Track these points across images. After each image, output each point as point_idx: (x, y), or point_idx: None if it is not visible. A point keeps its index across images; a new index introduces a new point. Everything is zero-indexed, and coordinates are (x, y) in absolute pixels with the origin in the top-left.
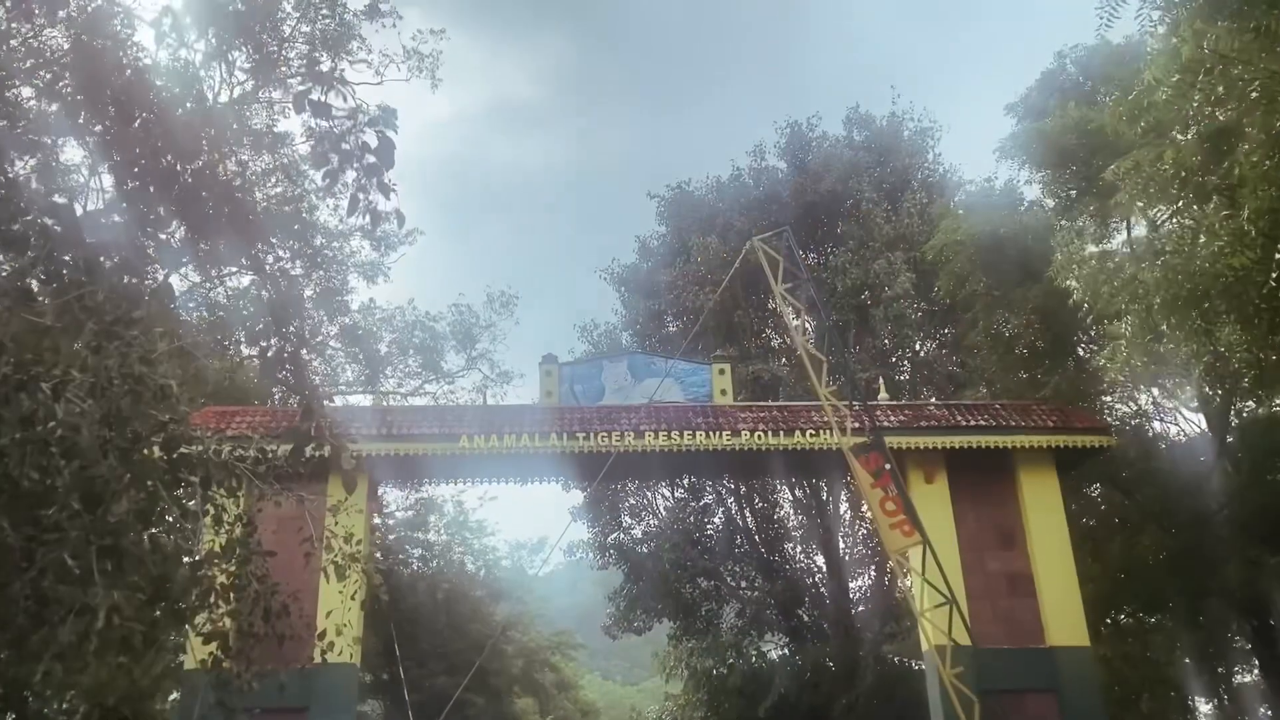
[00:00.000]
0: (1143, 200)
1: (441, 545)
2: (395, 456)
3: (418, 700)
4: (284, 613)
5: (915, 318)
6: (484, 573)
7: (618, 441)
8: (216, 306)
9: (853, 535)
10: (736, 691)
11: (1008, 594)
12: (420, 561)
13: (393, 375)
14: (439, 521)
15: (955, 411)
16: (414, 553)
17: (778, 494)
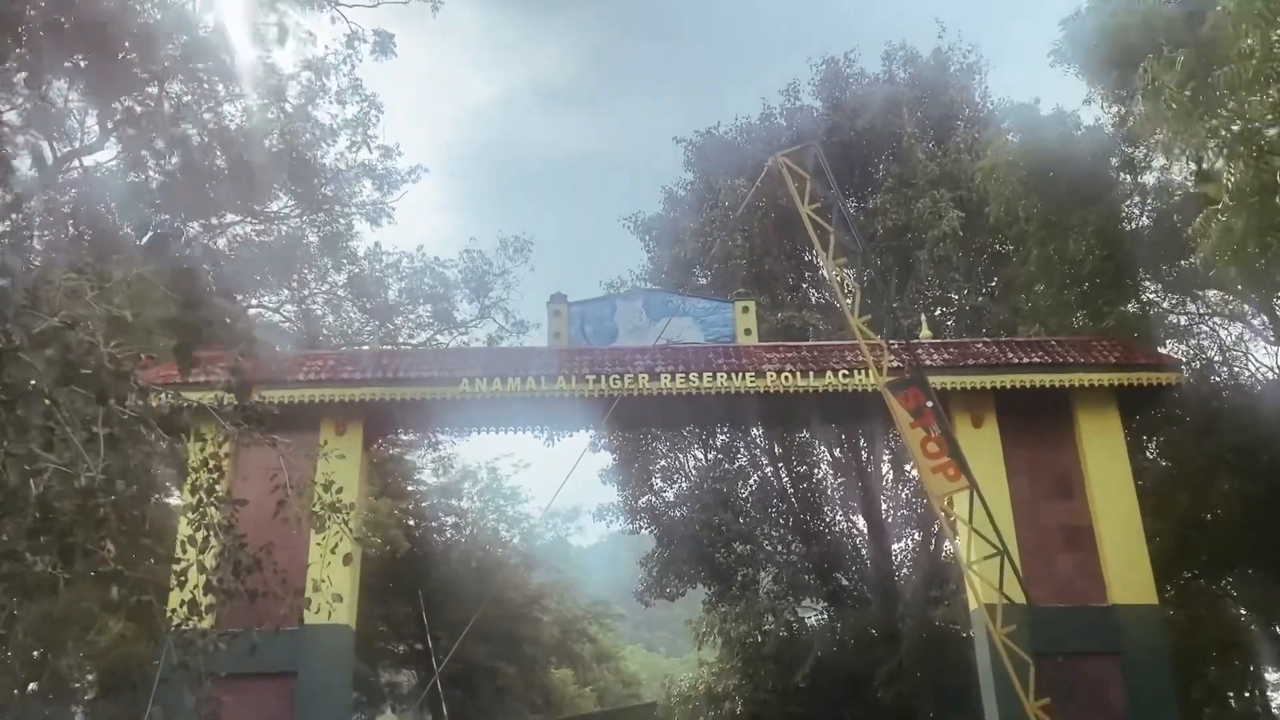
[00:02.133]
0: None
1: (475, 513)
2: (392, 402)
3: (449, 670)
4: (254, 567)
5: (963, 261)
6: (517, 539)
7: (630, 384)
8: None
9: (895, 497)
10: (772, 658)
11: (1065, 548)
12: (454, 530)
13: (404, 326)
14: (472, 489)
15: (1006, 349)
16: (447, 520)
17: (816, 455)
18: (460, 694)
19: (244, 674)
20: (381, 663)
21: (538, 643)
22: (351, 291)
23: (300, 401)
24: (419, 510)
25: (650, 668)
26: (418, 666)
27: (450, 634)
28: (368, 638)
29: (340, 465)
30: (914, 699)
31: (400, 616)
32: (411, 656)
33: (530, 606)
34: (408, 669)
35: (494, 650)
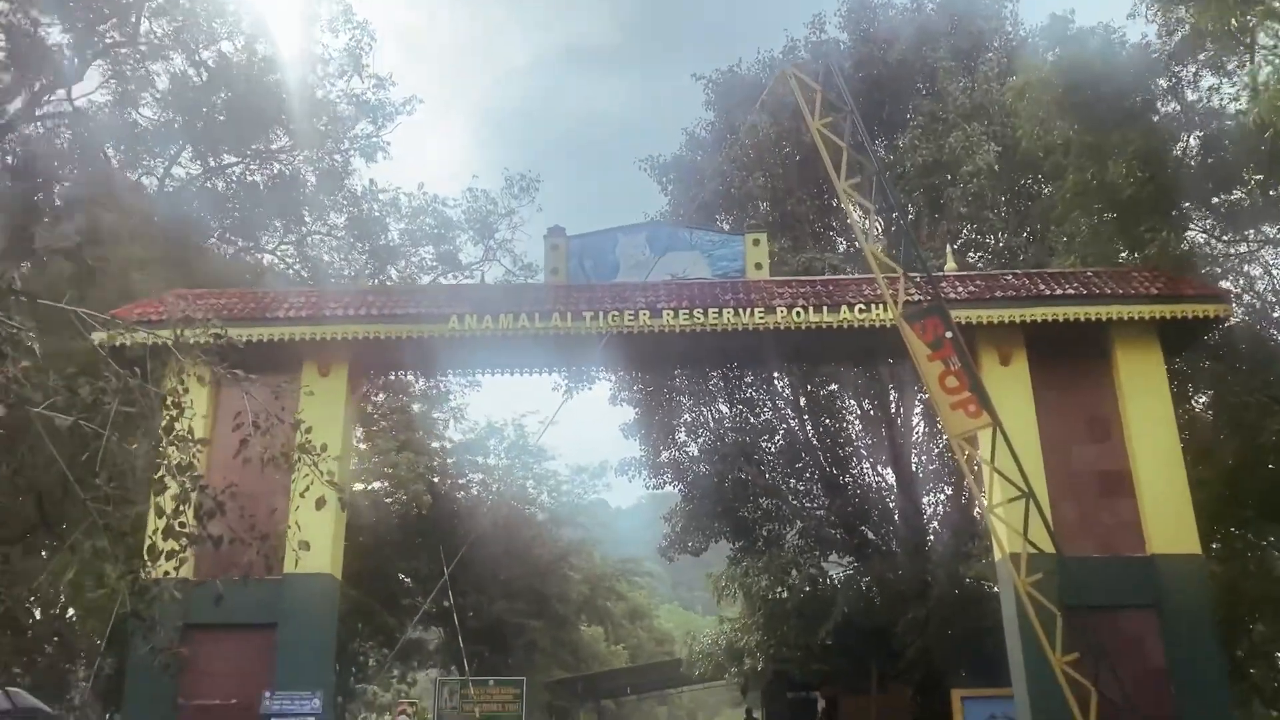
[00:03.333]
0: None
1: (502, 470)
2: (377, 340)
3: (477, 627)
4: (217, 511)
5: (997, 199)
6: (545, 496)
7: (629, 321)
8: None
9: (927, 451)
10: (796, 614)
11: (1099, 494)
12: (480, 486)
13: (406, 269)
14: (499, 445)
15: (1037, 280)
16: (474, 477)
17: (843, 407)
18: (487, 651)
19: (222, 625)
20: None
21: (566, 600)
22: (351, 233)
23: (280, 340)
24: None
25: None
26: (445, 624)
27: (477, 591)
28: (394, 595)
29: (323, 407)
30: (942, 656)
31: (427, 573)
32: (440, 614)
33: (558, 564)
34: (436, 626)
35: (522, 607)
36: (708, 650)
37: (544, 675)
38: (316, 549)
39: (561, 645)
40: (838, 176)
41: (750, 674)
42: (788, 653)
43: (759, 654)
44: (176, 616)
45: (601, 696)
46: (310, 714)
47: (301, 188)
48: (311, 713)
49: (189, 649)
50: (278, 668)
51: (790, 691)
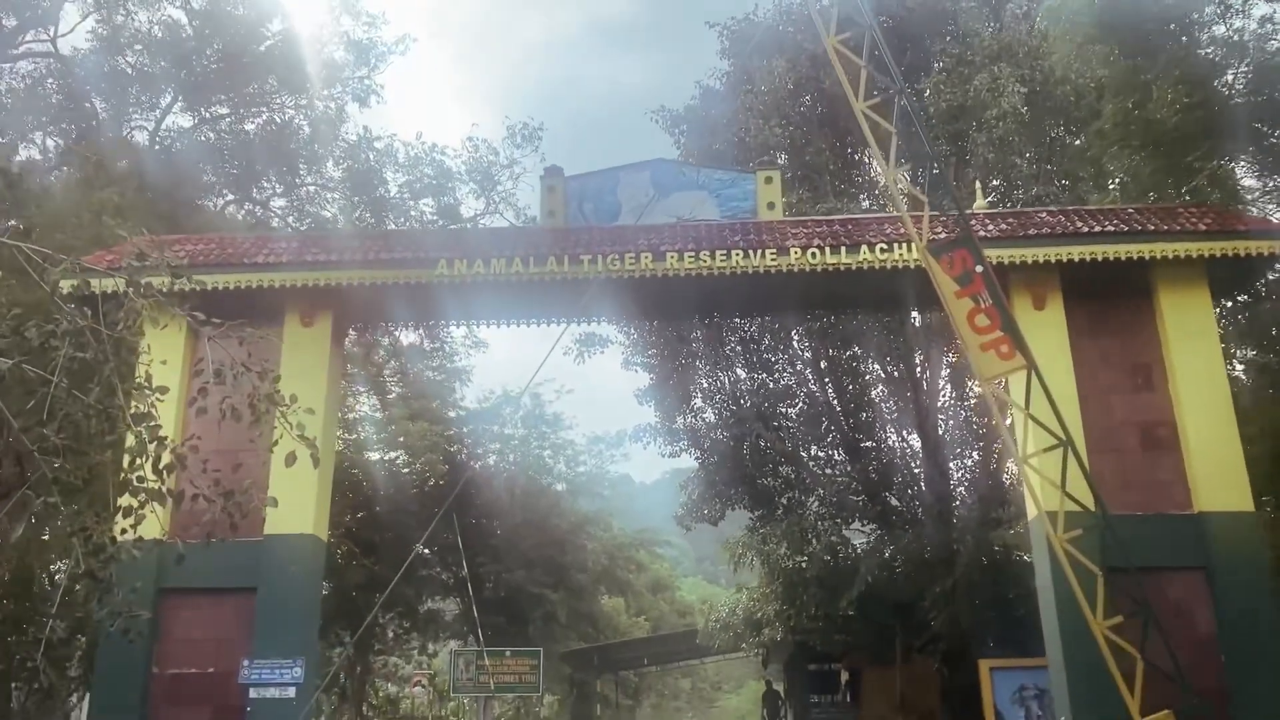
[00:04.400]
0: None
1: (519, 439)
2: (362, 287)
3: (493, 598)
4: (176, 465)
5: (1026, 144)
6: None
7: (631, 265)
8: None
9: (953, 416)
10: (816, 583)
11: (1142, 447)
12: (496, 456)
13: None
14: (514, 415)
15: (1074, 216)
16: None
17: (867, 371)
18: (505, 621)
19: (199, 589)
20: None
21: (584, 570)
22: (348, 185)
23: (259, 287)
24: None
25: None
26: (463, 595)
27: (493, 561)
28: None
29: (306, 359)
30: (970, 626)
31: (444, 543)
32: (457, 585)
33: (576, 533)
34: (454, 597)
35: (540, 577)
36: (725, 620)
37: (563, 647)
38: (298, 509)
39: (580, 616)
40: (855, 96)
41: (770, 645)
42: (808, 623)
43: (778, 624)
44: (149, 580)
45: (618, 668)
46: (291, 683)
47: (295, 137)
48: (292, 681)
49: (164, 615)
50: (256, 634)
51: (812, 663)
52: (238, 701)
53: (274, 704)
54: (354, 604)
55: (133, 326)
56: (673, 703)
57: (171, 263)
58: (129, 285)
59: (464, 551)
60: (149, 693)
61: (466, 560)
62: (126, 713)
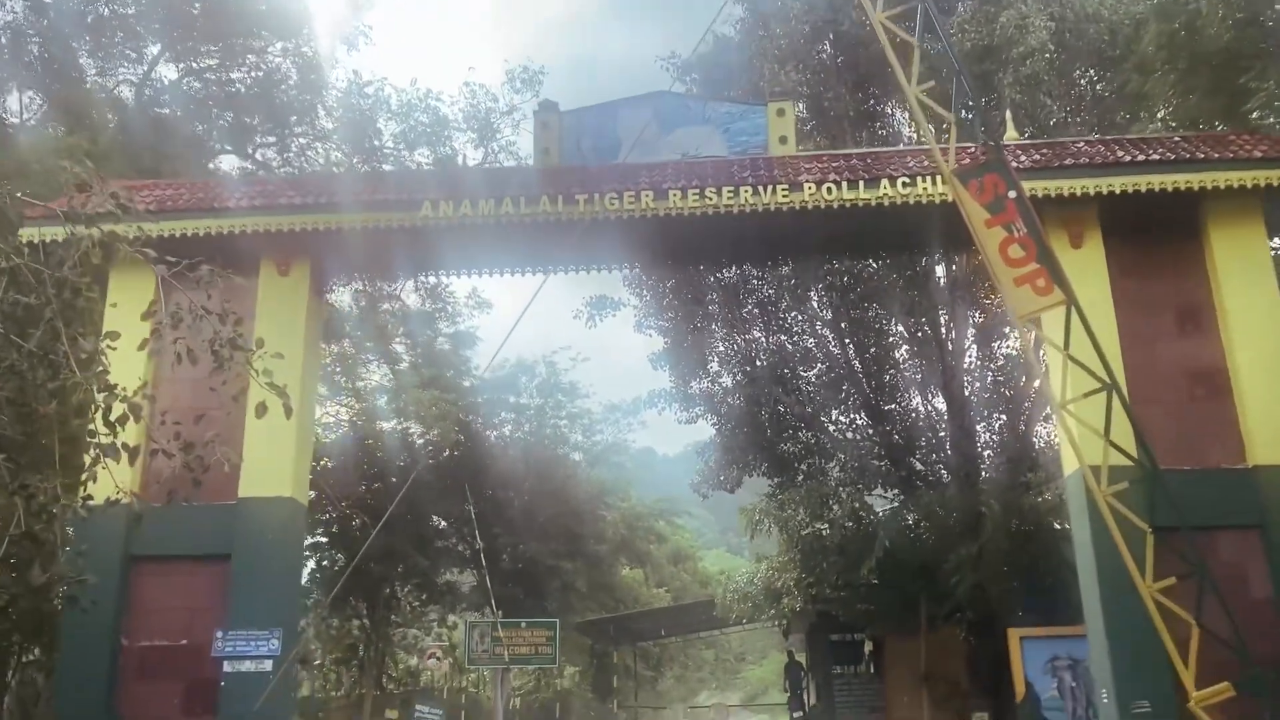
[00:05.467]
0: None
1: (534, 409)
2: (340, 232)
3: (510, 569)
4: (129, 417)
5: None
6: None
7: (631, 204)
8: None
9: (980, 378)
10: (837, 550)
11: (1190, 396)
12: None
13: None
14: (529, 383)
15: (1114, 146)
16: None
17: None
18: (521, 593)
19: (170, 556)
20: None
21: (603, 540)
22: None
23: (232, 233)
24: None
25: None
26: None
27: (509, 532)
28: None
29: (283, 310)
30: (997, 594)
31: (460, 515)
32: (474, 556)
33: (594, 503)
34: (470, 569)
35: (556, 548)
36: (744, 590)
37: (581, 618)
38: (274, 470)
39: (599, 587)
40: (873, 4)
41: (790, 615)
42: (829, 592)
43: (798, 594)
44: (115, 546)
45: (636, 639)
46: (268, 655)
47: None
48: (269, 654)
49: (133, 584)
50: (231, 604)
51: (834, 634)
52: (212, 675)
53: (249, 677)
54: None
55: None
56: (696, 674)
57: (119, 197)
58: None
59: (479, 523)
60: (117, 666)
61: (482, 532)
62: (93, 687)
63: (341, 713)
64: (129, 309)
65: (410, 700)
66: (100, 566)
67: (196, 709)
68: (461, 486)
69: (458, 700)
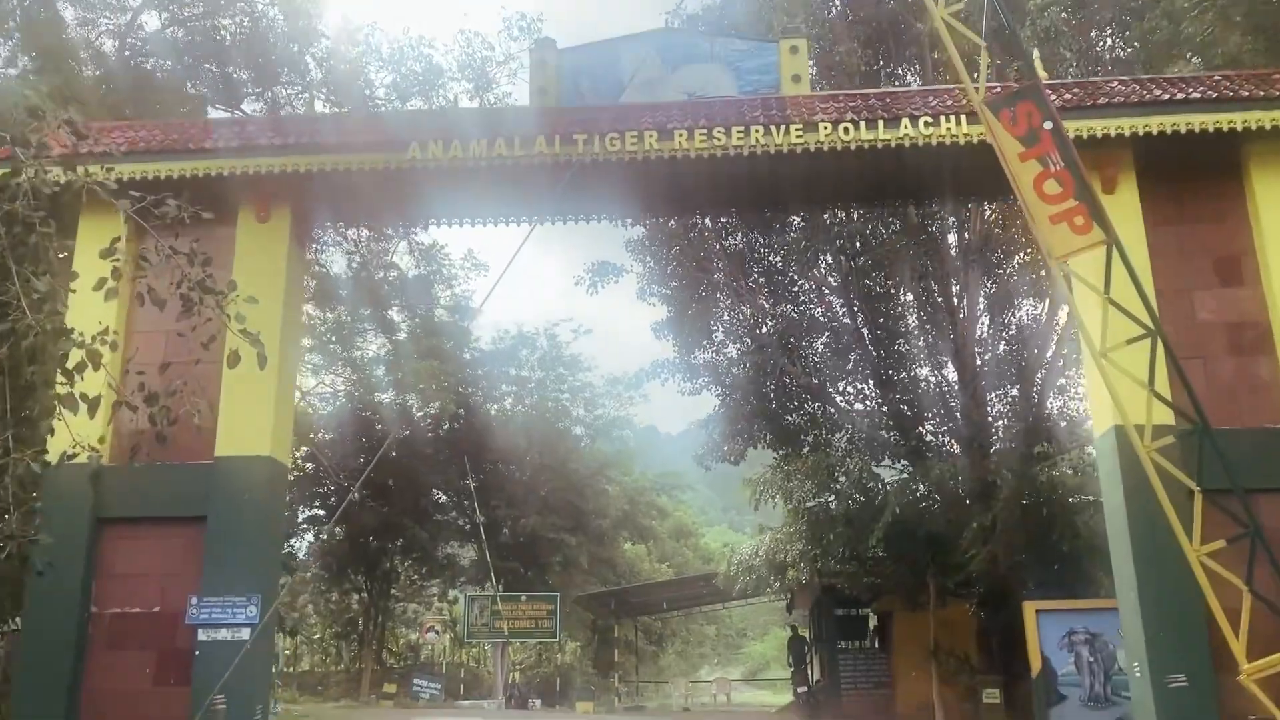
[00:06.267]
0: None
1: (535, 382)
2: (323, 175)
3: (512, 543)
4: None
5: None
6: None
7: (634, 145)
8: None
9: (992, 347)
10: (843, 521)
11: (1230, 351)
12: (513, 399)
13: None
14: (530, 356)
15: (1150, 84)
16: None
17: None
18: (522, 567)
19: (143, 518)
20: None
21: (604, 515)
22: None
23: (208, 176)
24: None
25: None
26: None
27: (510, 506)
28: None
29: (262, 258)
30: (1009, 567)
31: (461, 489)
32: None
33: (595, 478)
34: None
35: (558, 522)
36: (748, 562)
37: (582, 593)
38: (253, 427)
39: (601, 562)
40: None
41: (795, 588)
42: (835, 565)
43: (803, 566)
44: (83, 507)
45: (637, 613)
46: (245, 623)
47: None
48: (246, 621)
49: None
50: (206, 569)
51: (839, 608)
52: (186, 644)
53: (225, 646)
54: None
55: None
56: (698, 649)
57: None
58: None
59: (479, 496)
60: (86, 635)
61: (482, 505)
62: (60, 657)
63: (340, 686)
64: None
65: (409, 674)
66: (67, 529)
67: (170, 679)
68: (462, 459)
69: (457, 674)
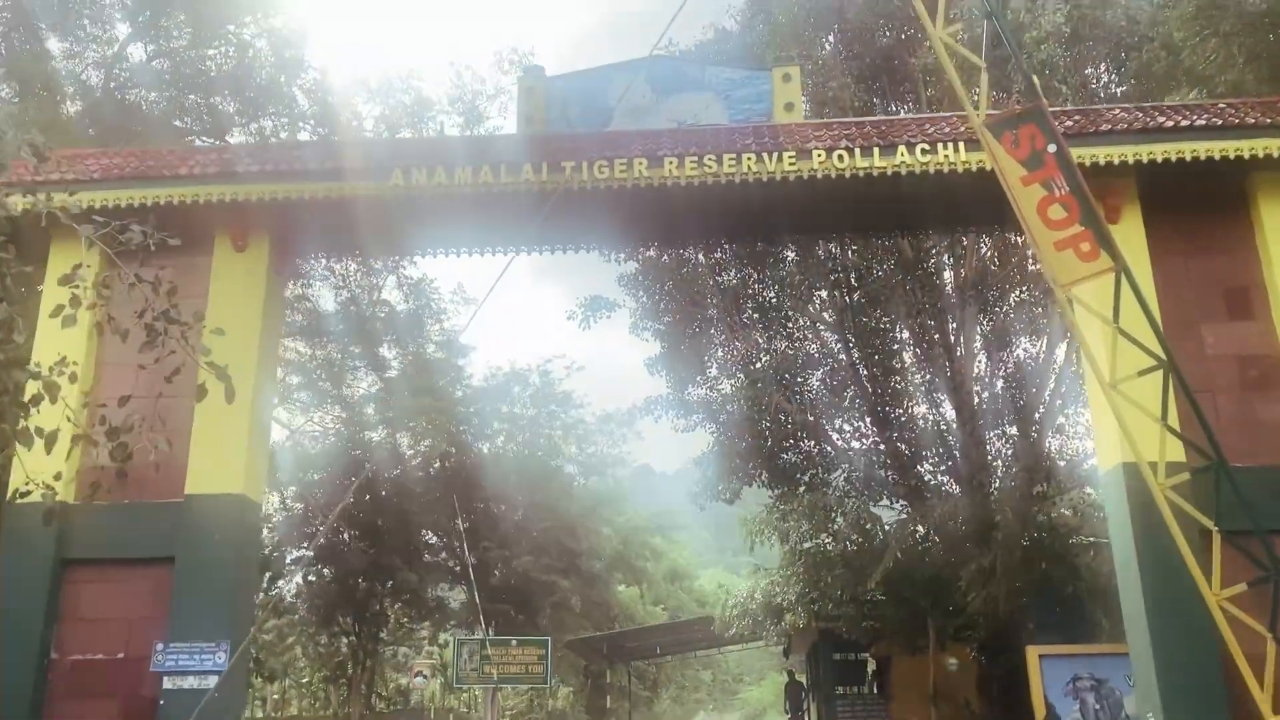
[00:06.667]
0: None
1: (527, 420)
2: (302, 203)
3: (501, 585)
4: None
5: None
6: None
7: (622, 173)
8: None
9: (990, 385)
10: (841, 563)
11: (1242, 386)
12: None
13: None
14: (522, 393)
15: (1154, 112)
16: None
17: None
18: (513, 610)
19: (109, 560)
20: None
21: (597, 556)
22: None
23: (184, 203)
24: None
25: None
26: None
27: (501, 547)
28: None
29: (238, 289)
30: (1010, 610)
31: (451, 529)
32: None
33: (588, 518)
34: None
35: (549, 563)
36: (744, 606)
37: (574, 636)
38: (224, 464)
39: (593, 605)
40: None
41: (792, 632)
42: (833, 608)
43: (800, 609)
44: (47, 548)
45: (630, 657)
46: (213, 670)
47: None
48: (214, 669)
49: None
50: (173, 613)
51: (837, 653)
52: (151, 692)
53: (192, 695)
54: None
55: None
56: (693, 695)
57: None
58: None
59: (469, 537)
60: (46, 683)
61: (472, 546)
62: (16, 707)
63: None
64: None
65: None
66: (26, 570)
67: None
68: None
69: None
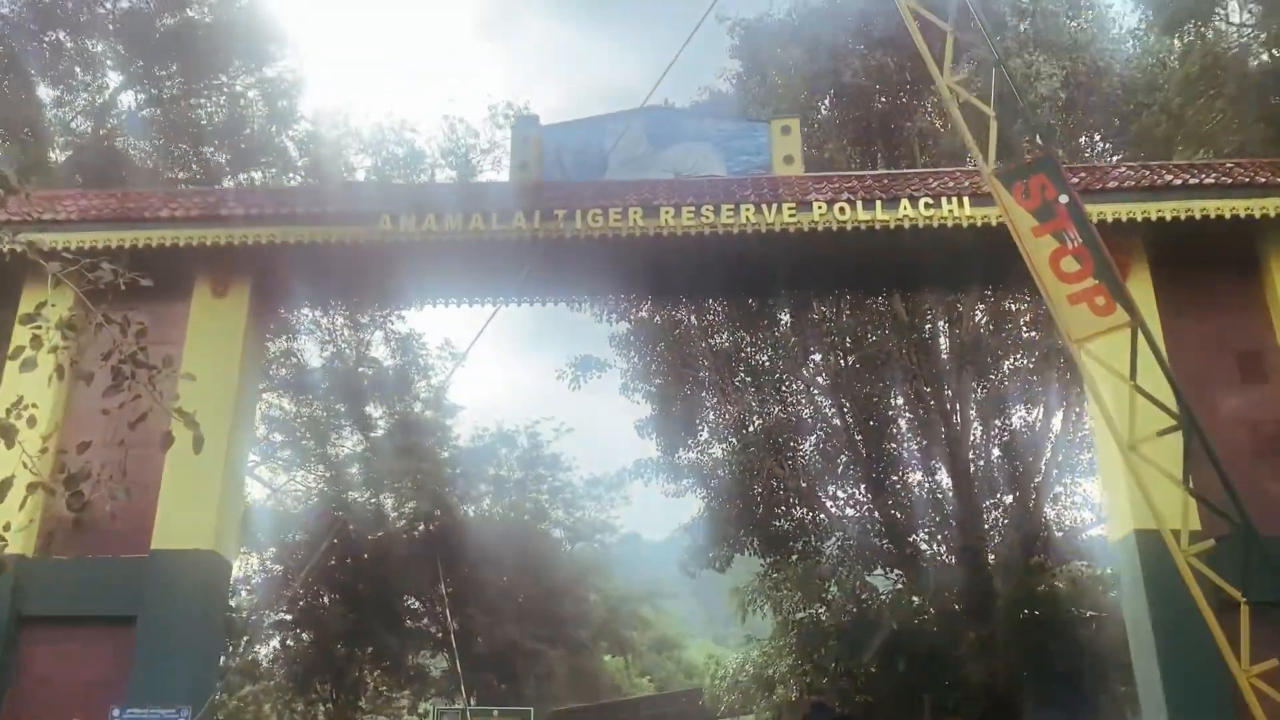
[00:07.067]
0: None
1: (514, 482)
2: (287, 248)
3: (485, 653)
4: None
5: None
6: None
7: (617, 222)
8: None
9: (986, 453)
10: (835, 635)
11: (1258, 452)
12: (490, 499)
13: None
14: (510, 455)
15: (1162, 170)
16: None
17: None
18: (496, 679)
19: (69, 618)
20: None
21: (584, 624)
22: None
23: (163, 247)
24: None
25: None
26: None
27: (485, 613)
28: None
29: (217, 336)
30: (1009, 681)
31: (434, 594)
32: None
33: (575, 585)
34: (442, 652)
35: (535, 631)
36: (734, 678)
37: (559, 706)
38: (194, 518)
39: (579, 675)
40: None
41: (783, 706)
42: (827, 682)
43: (792, 682)
44: (3, 605)
45: None
46: None
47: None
48: None
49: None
50: (134, 675)
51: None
52: None
53: None
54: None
55: None
56: None
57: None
58: None
59: (452, 602)
60: None
61: (455, 612)
62: None
63: None
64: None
65: None
66: None
67: None
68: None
69: None
